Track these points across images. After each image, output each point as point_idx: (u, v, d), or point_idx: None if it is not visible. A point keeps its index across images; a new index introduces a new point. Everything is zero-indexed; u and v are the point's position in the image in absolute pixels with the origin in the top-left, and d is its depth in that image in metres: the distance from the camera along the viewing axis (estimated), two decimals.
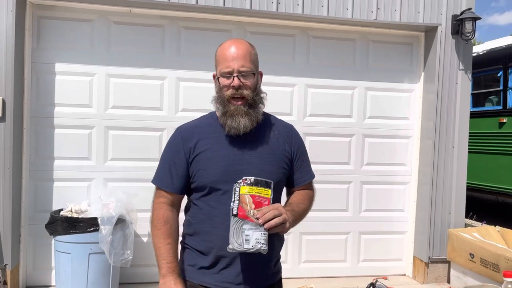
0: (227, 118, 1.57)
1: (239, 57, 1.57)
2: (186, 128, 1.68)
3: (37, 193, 3.86)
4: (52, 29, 3.86)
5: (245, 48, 1.61)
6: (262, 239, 1.38)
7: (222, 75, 1.58)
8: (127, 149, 3.98)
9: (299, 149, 1.73)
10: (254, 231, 1.37)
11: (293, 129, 1.77)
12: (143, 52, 4.00)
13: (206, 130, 1.64)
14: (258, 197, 1.43)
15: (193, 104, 3.96)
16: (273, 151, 1.64)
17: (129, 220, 3.55)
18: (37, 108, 3.85)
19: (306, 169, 1.75)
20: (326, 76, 4.31)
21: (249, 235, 1.37)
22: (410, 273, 4.48)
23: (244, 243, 1.37)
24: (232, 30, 4.12)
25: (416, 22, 4.20)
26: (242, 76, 1.56)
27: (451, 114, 4.27)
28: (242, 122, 1.55)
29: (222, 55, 1.60)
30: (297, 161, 1.71)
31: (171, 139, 1.68)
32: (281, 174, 1.63)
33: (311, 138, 4.28)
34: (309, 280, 4.12)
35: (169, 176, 1.63)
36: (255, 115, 1.59)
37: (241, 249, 1.37)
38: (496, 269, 3.55)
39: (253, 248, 1.37)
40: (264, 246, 1.38)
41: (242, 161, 1.55)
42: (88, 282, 3.41)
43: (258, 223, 1.38)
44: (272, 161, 1.60)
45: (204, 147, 1.60)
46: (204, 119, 1.71)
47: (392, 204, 4.48)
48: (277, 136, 1.68)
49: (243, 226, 1.37)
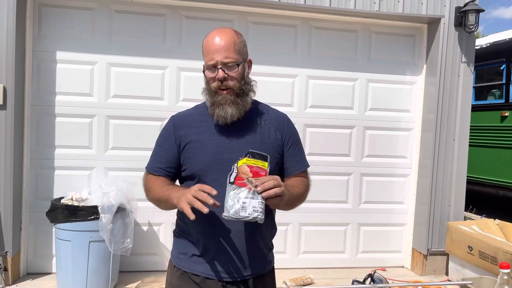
0: (215, 108, 1.58)
1: (222, 49, 1.55)
2: (179, 116, 1.70)
3: (38, 181, 3.88)
4: (53, 17, 3.85)
5: (228, 38, 1.57)
6: (260, 208, 1.35)
7: (208, 68, 1.59)
8: (128, 138, 3.99)
9: (291, 138, 1.70)
10: (252, 199, 1.34)
11: (286, 117, 1.75)
12: (144, 41, 3.99)
13: (197, 118, 1.66)
14: (256, 167, 1.41)
15: (194, 94, 3.95)
16: (263, 140, 1.63)
17: (129, 209, 3.57)
18: (38, 96, 3.85)
19: (299, 158, 1.71)
20: (328, 68, 4.30)
21: (246, 203, 1.33)
22: (408, 265, 4.50)
23: (240, 211, 1.33)
24: (234, 20, 4.10)
25: (419, 13, 4.17)
26: (226, 67, 1.56)
27: (453, 107, 4.26)
28: (229, 111, 1.56)
29: (206, 47, 1.60)
30: (289, 150, 1.69)
31: (164, 127, 1.71)
32: (272, 163, 1.60)
33: (311, 130, 4.28)
34: (308, 270, 4.15)
35: (158, 161, 1.66)
36: (243, 104, 1.59)
37: (237, 216, 1.33)
38: (494, 261, 3.56)
39: (249, 216, 1.33)
40: (261, 215, 1.35)
41: (231, 150, 1.54)
42: (89, 269, 3.44)
43: (256, 191, 1.34)
44: (262, 150, 1.57)
45: (194, 136, 1.61)
46: (197, 108, 1.72)
47: (392, 196, 4.49)
48: (269, 124, 1.67)
49: (240, 194, 1.34)
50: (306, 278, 3.95)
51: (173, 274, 1.67)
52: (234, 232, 1.56)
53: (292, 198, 1.54)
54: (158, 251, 4.10)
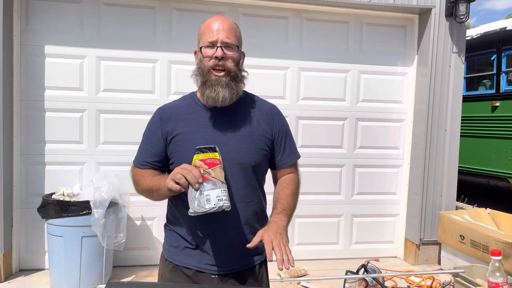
0: (206, 88, 1.53)
1: (225, 29, 1.53)
2: (166, 109, 1.66)
3: (28, 177, 3.85)
4: (41, 11, 3.79)
5: (230, 24, 1.57)
6: (223, 196, 1.34)
7: (206, 45, 1.54)
8: (119, 133, 3.96)
9: (281, 130, 1.67)
10: (213, 189, 1.34)
11: (275, 109, 1.72)
12: (134, 34, 3.95)
13: (184, 111, 1.62)
14: (209, 159, 1.40)
15: (185, 87, 3.87)
16: (251, 132, 1.59)
17: (121, 203, 3.55)
18: (27, 91, 3.80)
19: (289, 150, 1.68)
20: (319, 59, 4.28)
21: (209, 194, 1.33)
22: (401, 255, 4.54)
23: (205, 204, 1.32)
24: (224, 12, 4.07)
25: (410, 4, 4.17)
26: (226, 47, 1.53)
27: (444, 98, 4.27)
28: (221, 93, 1.51)
29: (207, 28, 1.56)
30: (279, 142, 1.66)
31: (151, 119, 1.67)
32: (260, 156, 1.60)
33: (304, 122, 4.28)
34: (301, 262, 4.16)
35: (145, 154, 1.63)
36: (236, 89, 1.55)
37: (203, 210, 1.32)
38: (486, 250, 3.60)
39: (215, 206, 1.32)
40: (226, 202, 1.34)
41: (218, 143, 1.49)
42: (82, 265, 3.43)
43: (216, 180, 1.35)
44: (250, 142, 1.56)
45: (181, 129, 1.58)
46: (184, 100, 1.68)
47: (384, 187, 4.51)
48: (257, 116, 1.64)
49: (201, 188, 1.33)
50: (300, 269, 3.96)
51: (165, 268, 1.66)
52: (225, 224, 1.55)
53: (292, 212, 1.59)
54: (152, 245, 4.08)
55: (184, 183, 1.33)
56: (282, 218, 1.51)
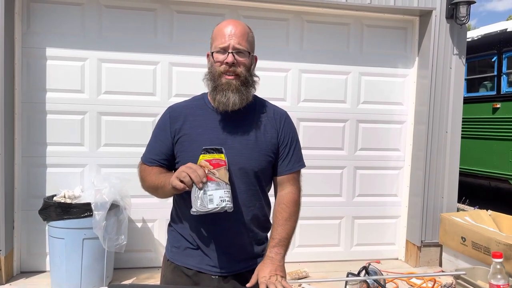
0: (217, 93, 1.54)
1: (237, 35, 1.54)
2: (176, 108, 1.67)
3: (30, 179, 3.85)
4: (42, 13, 3.80)
5: (243, 28, 1.58)
6: (226, 197, 1.34)
7: (217, 50, 1.55)
8: (120, 135, 3.96)
9: (288, 136, 1.65)
10: (217, 190, 1.34)
11: (285, 115, 1.70)
12: (135, 37, 3.95)
13: (194, 112, 1.63)
14: (215, 160, 1.41)
15: (186, 89, 3.93)
16: (258, 138, 1.59)
17: (123, 205, 3.56)
18: (28, 93, 3.81)
19: (294, 158, 1.65)
20: (320, 61, 4.29)
21: (212, 195, 1.33)
22: (402, 257, 4.53)
23: (208, 203, 1.32)
24: (225, 14, 4.07)
25: (410, 6, 4.17)
26: (237, 53, 1.53)
27: (445, 99, 4.27)
28: (231, 98, 1.52)
29: (219, 32, 1.57)
30: (284, 149, 1.64)
31: (161, 117, 1.68)
32: (264, 162, 1.59)
33: (305, 124, 4.28)
34: (303, 264, 4.16)
35: (153, 152, 1.64)
36: (246, 94, 1.55)
37: (205, 209, 1.32)
38: (487, 252, 3.59)
39: (217, 207, 1.32)
40: (229, 203, 1.34)
41: (224, 146, 1.50)
42: (83, 267, 3.43)
43: (220, 181, 1.35)
44: (255, 147, 1.56)
45: (189, 129, 1.59)
46: (194, 100, 1.69)
47: (385, 189, 4.51)
48: (266, 122, 1.63)
49: (205, 188, 1.34)
50: (301, 271, 3.96)
51: (166, 268, 1.67)
52: (226, 227, 1.56)
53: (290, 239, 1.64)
54: (153, 248, 4.08)
55: (188, 182, 1.34)
56: (278, 252, 1.54)
